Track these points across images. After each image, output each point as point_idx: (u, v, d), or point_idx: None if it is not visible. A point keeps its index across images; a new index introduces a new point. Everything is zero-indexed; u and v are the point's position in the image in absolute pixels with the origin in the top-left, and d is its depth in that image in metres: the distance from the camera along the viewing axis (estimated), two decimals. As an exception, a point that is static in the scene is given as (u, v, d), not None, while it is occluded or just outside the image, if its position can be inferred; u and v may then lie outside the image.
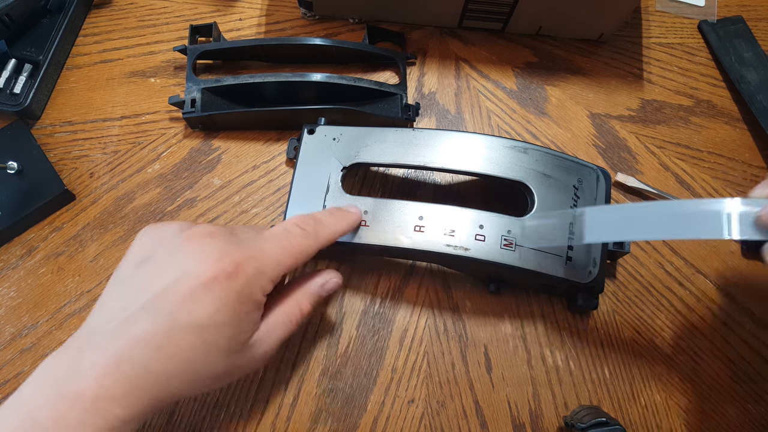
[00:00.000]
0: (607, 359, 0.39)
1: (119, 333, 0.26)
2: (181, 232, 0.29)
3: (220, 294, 0.26)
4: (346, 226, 0.34)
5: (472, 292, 0.41)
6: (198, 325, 0.26)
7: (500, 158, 0.38)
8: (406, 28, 0.50)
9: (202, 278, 0.26)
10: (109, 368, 0.25)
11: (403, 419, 0.37)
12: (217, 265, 0.27)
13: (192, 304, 0.26)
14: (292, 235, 0.31)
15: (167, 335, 0.26)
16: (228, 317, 0.27)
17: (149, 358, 0.25)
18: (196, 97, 0.43)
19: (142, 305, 0.26)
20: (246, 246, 0.29)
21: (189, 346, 0.26)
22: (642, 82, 0.49)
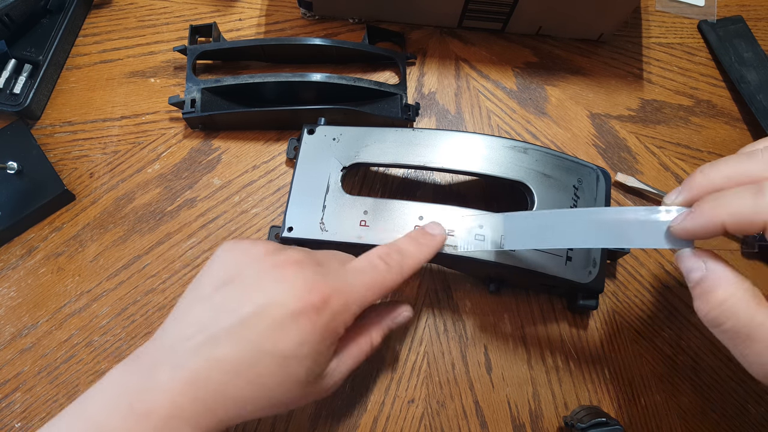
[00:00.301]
0: (607, 359, 0.39)
1: (199, 353, 0.25)
2: (268, 255, 0.29)
3: (306, 327, 0.26)
4: (430, 254, 0.33)
5: (472, 292, 0.41)
6: (281, 355, 0.26)
7: (500, 158, 0.38)
8: (406, 28, 0.50)
9: (289, 309, 0.26)
10: (184, 387, 0.24)
11: (403, 419, 0.37)
12: (305, 297, 0.26)
13: (277, 334, 0.26)
14: (377, 269, 0.30)
15: (249, 362, 0.25)
16: (311, 350, 0.26)
17: (227, 383, 0.25)
18: (196, 97, 0.43)
19: (225, 328, 0.26)
20: (333, 279, 0.28)
21: (269, 374, 0.26)
22: (642, 82, 0.49)
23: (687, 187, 0.26)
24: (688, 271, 0.26)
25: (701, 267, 0.25)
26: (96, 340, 0.38)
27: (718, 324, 0.24)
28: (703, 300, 0.25)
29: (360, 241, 0.36)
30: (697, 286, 0.25)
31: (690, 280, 0.26)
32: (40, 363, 0.38)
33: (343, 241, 0.36)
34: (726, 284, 0.24)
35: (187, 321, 0.27)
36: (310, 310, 0.26)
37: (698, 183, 0.26)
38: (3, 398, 0.37)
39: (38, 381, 0.37)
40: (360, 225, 0.36)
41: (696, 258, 0.25)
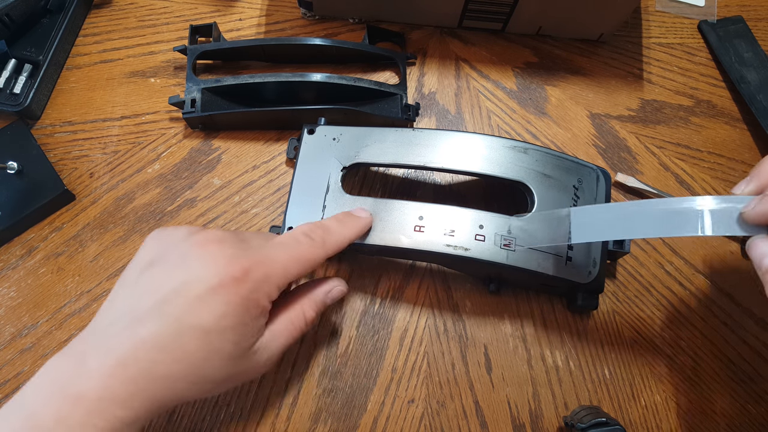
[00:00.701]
0: (607, 359, 0.39)
1: (125, 335, 0.26)
2: (189, 236, 0.29)
3: (227, 299, 0.26)
4: (355, 233, 0.34)
5: (472, 292, 0.41)
6: (204, 329, 0.26)
7: (500, 158, 0.38)
8: (406, 28, 0.50)
9: (210, 282, 0.26)
10: (113, 369, 0.25)
11: (403, 419, 0.37)
12: (225, 270, 0.27)
13: (199, 308, 0.26)
14: (300, 243, 0.31)
15: (173, 338, 0.26)
16: (234, 322, 0.27)
17: (154, 361, 0.25)
18: (196, 97, 0.43)
19: (149, 308, 0.26)
20: (254, 252, 0.29)
21: (194, 349, 0.26)
22: (642, 82, 0.49)
23: (756, 176, 0.27)
24: (761, 257, 0.26)
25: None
26: (96, 340, 0.38)
27: None
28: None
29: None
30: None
31: (761, 267, 0.26)
32: (40, 363, 0.37)
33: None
34: None
35: (115, 307, 0.28)
36: (230, 282, 0.27)
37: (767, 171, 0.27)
38: (3, 398, 0.37)
39: (38, 381, 0.37)
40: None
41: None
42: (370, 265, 0.41)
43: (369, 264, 0.41)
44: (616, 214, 0.31)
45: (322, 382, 0.38)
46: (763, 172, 0.27)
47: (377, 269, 0.41)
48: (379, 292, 0.41)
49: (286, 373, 0.38)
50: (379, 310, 0.40)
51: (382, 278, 0.41)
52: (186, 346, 0.26)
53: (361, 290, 0.41)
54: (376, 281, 0.41)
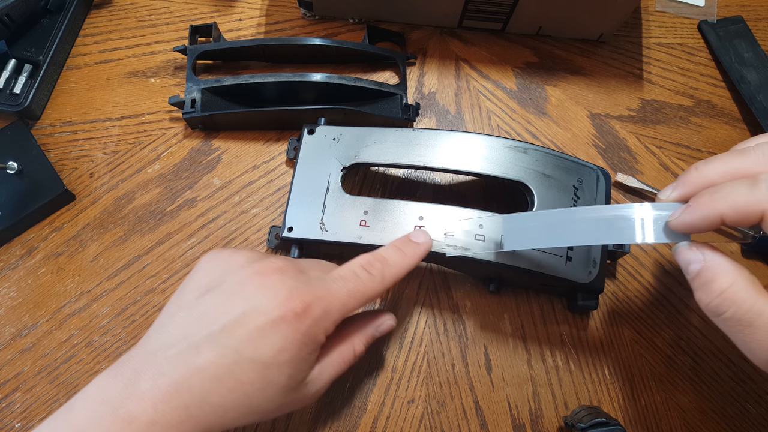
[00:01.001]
0: (607, 359, 0.39)
1: (181, 360, 0.25)
2: (250, 263, 0.29)
3: (287, 333, 0.26)
4: (415, 262, 0.33)
5: (472, 292, 0.41)
6: (262, 362, 0.26)
7: (500, 158, 0.38)
8: (406, 28, 0.50)
9: (270, 315, 0.26)
10: (167, 395, 0.25)
11: (403, 419, 0.37)
12: (286, 304, 0.27)
13: (258, 341, 0.26)
14: (358, 278, 0.30)
15: (230, 369, 0.25)
16: (292, 357, 0.27)
17: (209, 389, 0.25)
18: (196, 97, 0.43)
19: (206, 335, 0.26)
20: (314, 286, 0.28)
21: (249, 381, 0.26)
22: (642, 82, 0.49)
23: (682, 183, 0.27)
24: (686, 264, 0.26)
25: (699, 259, 0.26)
26: (96, 341, 0.38)
27: (720, 313, 0.25)
28: (703, 290, 0.25)
29: (360, 241, 0.36)
30: (697, 277, 0.26)
31: (689, 273, 0.26)
32: (40, 363, 0.38)
33: (343, 241, 0.36)
34: (725, 274, 0.25)
35: (170, 329, 0.27)
36: (291, 316, 0.26)
37: (693, 178, 0.27)
38: (3, 398, 0.37)
39: (38, 381, 0.37)
40: (360, 225, 0.36)
41: (694, 250, 0.26)
42: (370, 265, 0.41)
43: (369, 264, 0.41)
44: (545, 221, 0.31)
45: (322, 382, 0.38)
46: (688, 180, 0.27)
47: (377, 269, 0.41)
48: (379, 292, 0.40)
49: (286, 373, 0.38)
50: (379, 310, 0.40)
51: (382, 278, 0.41)
52: (242, 378, 0.26)
53: (361, 290, 0.41)
54: (376, 281, 0.41)
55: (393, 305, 0.40)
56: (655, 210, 0.27)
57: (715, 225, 0.25)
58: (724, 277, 0.25)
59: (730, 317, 0.24)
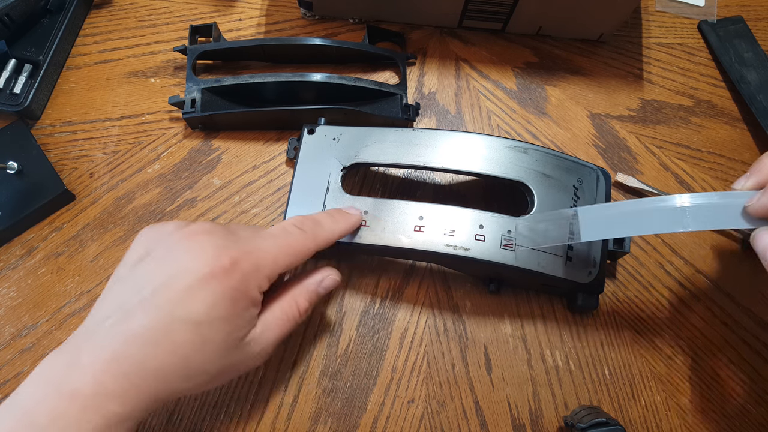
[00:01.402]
0: (607, 359, 0.39)
1: (117, 329, 0.26)
2: (178, 229, 0.29)
3: (216, 289, 0.26)
4: (344, 228, 0.34)
5: (472, 292, 0.41)
6: (194, 320, 0.26)
7: (500, 158, 0.38)
8: (406, 28, 0.50)
9: (198, 274, 0.26)
10: (106, 365, 0.25)
11: (403, 419, 0.37)
12: (213, 261, 0.27)
13: (188, 300, 0.26)
14: (290, 234, 0.31)
15: (164, 331, 0.26)
16: (224, 313, 0.27)
17: (146, 354, 0.25)
18: (196, 97, 0.43)
19: (139, 301, 0.26)
20: (243, 243, 0.29)
21: (185, 341, 0.26)
22: (642, 82, 0.49)
23: (756, 171, 0.28)
24: (766, 249, 0.27)
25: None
26: (96, 340, 0.38)
27: None
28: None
29: (360, 241, 0.36)
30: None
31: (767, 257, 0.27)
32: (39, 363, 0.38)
33: (343, 241, 0.36)
34: None
35: (107, 302, 0.28)
36: (219, 272, 0.27)
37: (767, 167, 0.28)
38: (3, 398, 0.37)
39: (38, 381, 0.37)
40: (361, 225, 0.36)
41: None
42: (370, 265, 0.41)
43: (369, 264, 0.41)
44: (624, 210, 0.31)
45: (322, 382, 0.38)
46: (763, 168, 0.28)
47: (377, 269, 0.41)
48: (379, 292, 0.41)
49: (286, 373, 0.38)
50: (379, 310, 0.40)
51: (382, 278, 0.41)
52: (177, 338, 0.26)
53: (361, 290, 0.41)
54: (376, 281, 0.41)
55: (393, 305, 0.40)
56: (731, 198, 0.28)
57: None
58: None
59: None
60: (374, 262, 0.41)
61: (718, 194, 0.28)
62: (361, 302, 0.40)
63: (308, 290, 0.33)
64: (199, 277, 0.26)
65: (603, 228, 0.32)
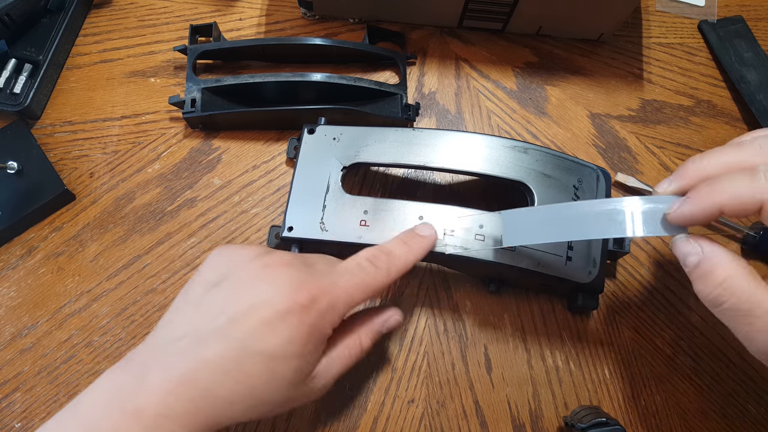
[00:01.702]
0: (607, 359, 0.39)
1: (188, 353, 0.26)
2: (258, 257, 0.29)
3: (293, 325, 0.26)
4: (420, 255, 0.33)
5: (472, 292, 0.41)
6: (268, 354, 0.26)
7: (500, 158, 0.38)
8: (406, 28, 0.50)
9: (277, 308, 0.26)
10: (174, 387, 0.25)
11: (403, 419, 0.37)
12: (293, 296, 0.27)
13: (265, 333, 0.26)
14: (364, 270, 0.30)
15: (236, 361, 0.25)
16: (298, 349, 0.27)
17: (215, 382, 0.25)
18: (196, 97, 0.43)
19: (214, 328, 0.26)
20: (320, 279, 0.28)
21: (256, 373, 0.26)
22: (642, 82, 0.49)
23: (679, 176, 0.27)
24: (685, 256, 0.26)
25: (698, 251, 0.26)
26: (96, 341, 0.38)
27: (720, 303, 0.25)
28: (703, 282, 0.25)
29: (360, 240, 0.36)
30: (696, 269, 0.26)
31: (687, 265, 0.26)
32: (40, 363, 0.38)
33: (343, 241, 0.36)
34: (724, 264, 0.25)
35: (177, 323, 0.27)
36: (298, 308, 0.26)
37: (691, 171, 0.27)
38: (3, 398, 0.37)
39: (38, 381, 0.37)
40: (360, 225, 0.36)
41: (692, 242, 0.26)
42: (370, 265, 0.41)
43: (369, 264, 0.41)
44: (544, 216, 0.31)
45: (322, 382, 0.38)
46: (687, 172, 0.27)
47: (377, 269, 0.41)
48: (379, 292, 0.41)
49: (286, 373, 0.38)
50: (379, 310, 0.40)
51: (382, 278, 0.41)
52: (249, 369, 0.26)
53: (361, 290, 0.41)
54: (376, 281, 0.41)
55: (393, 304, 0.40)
56: (651, 203, 0.27)
57: (714, 216, 0.25)
58: (722, 267, 0.25)
59: (729, 307, 0.24)
60: (374, 262, 0.41)
61: (642, 199, 0.27)
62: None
63: (373, 329, 0.33)
64: (277, 311, 0.26)
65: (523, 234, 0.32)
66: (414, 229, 0.34)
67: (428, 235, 0.34)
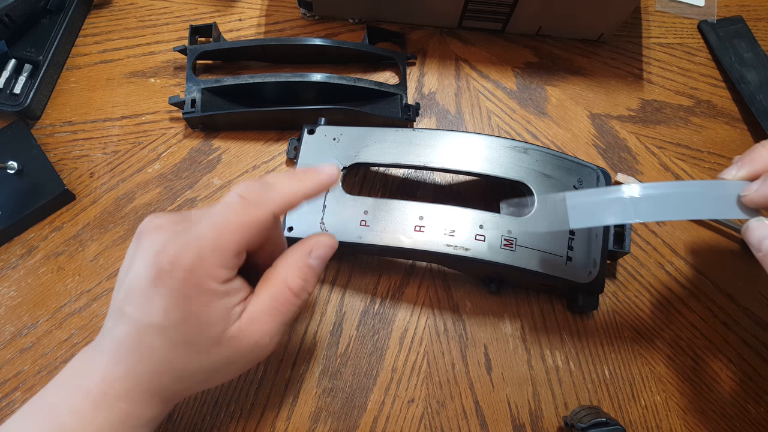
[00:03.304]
0: (607, 359, 0.39)
1: (110, 334, 0.27)
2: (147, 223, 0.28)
3: (164, 291, 0.25)
4: (310, 187, 0.28)
5: (472, 292, 0.41)
6: (157, 326, 0.25)
7: (500, 158, 0.38)
8: (406, 28, 0.50)
9: (147, 279, 0.25)
10: (109, 367, 0.26)
11: (403, 419, 0.37)
12: (156, 263, 0.25)
13: (146, 306, 0.25)
14: (230, 208, 0.26)
15: (138, 338, 0.26)
16: (182, 314, 0.25)
17: (134, 359, 0.26)
18: (196, 97, 0.43)
19: (116, 309, 0.27)
20: (184, 235, 0.26)
21: (157, 346, 0.26)
22: (642, 83, 0.49)
23: (749, 161, 0.28)
24: (760, 240, 0.27)
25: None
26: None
27: None
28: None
29: (360, 240, 0.36)
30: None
31: (762, 249, 0.27)
32: (40, 362, 0.38)
33: (343, 241, 0.36)
34: None
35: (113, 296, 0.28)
36: (162, 274, 0.25)
37: (761, 157, 0.28)
38: (3, 398, 0.37)
39: (38, 380, 0.37)
40: (360, 225, 0.36)
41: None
42: (370, 265, 0.41)
43: (369, 264, 0.41)
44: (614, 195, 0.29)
45: (322, 381, 0.38)
46: (755, 158, 0.28)
47: (377, 269, 0.41)
48: (379, 292, 0.41)
49: (286, 373, 0.38)
50: (379, 310, 0.40)
51: (382, 278, 0.41)
52: (149, 343, 0.26)
53: (361, 290, 0.41)
54: (376, 281, 0.41)
55: (393, 305, 0.40)
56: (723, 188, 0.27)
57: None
58: None
59: None
60: (374, 262, 0.41)
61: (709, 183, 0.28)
62: (361, 302, 0.40)
63: (297, 266, 0.28)
64: (149, 281, 0.25)
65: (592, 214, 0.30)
66: (316, 165, 0.30)
67: (327, 171, 0.29)
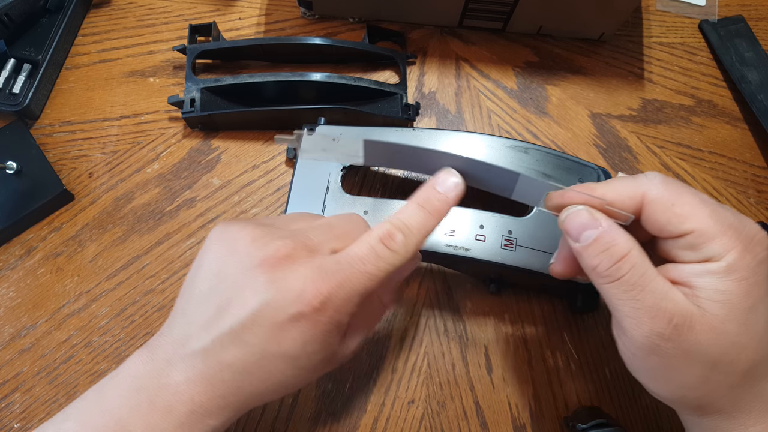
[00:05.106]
0: (607, 360, 0.39)
1: (209, 355, 0.25)
2: (256, 248, 0.27)
3: (308, 327, 0.26)
4: (440, 219, 0.29)
5: (472, 292, 0.41)
6: (289, 355, 0.26)
7: (500, 158, 0.38)
8: (406, 28, 0.50)
9: (288, 311, 0.25)
10: (202, 387, 0.25)
11: (403, 420, 0.37)
12: (303, 299, 0.25)
13: (281, 338, 0.25)
14: (379, 258, 0.27)
15: (258, 364, 0.25)
16: (319, 346, 0.26)
17: (241, 381, 0.25)
18: (195, 97, 0.43)
19: (227, 332, 0.25)
20: (331, 272, 0.26)
21: (280, 371, 0.26)
22: (643, 82, 0.49)
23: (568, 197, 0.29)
24: (581, 229, 0.26)
25: (597, 224, 0.26)
26: (95, 341, 0.38)
27: (619, 275, 0.25)
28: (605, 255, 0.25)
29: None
30: (596, 243, 0.26)
31: (582, 239, 0.26)
32: (40, 363, 0.38)
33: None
34: (625, 239, 0.25)
35: (190, 317, 0.27)
36: (310, 311, 0.25)
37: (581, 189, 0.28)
38: (2, 399, 0.37)
39: (37, 381, 0.37)
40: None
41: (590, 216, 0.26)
42: (370, 266, 0.41)
43: (369, 264, 0.41)
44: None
45: (322, 382, 0.38)
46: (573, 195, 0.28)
47: (377, 269, 0.41)
48: (379, 293, 0.40)
49: (286, 374, 0.38)
50: (379, 311, 0.40)
51: (382, 278, 0.41)
52: (272, 369, 0.26)
53: (361, 290, 0.40)
54: (376, 281, 0.41)
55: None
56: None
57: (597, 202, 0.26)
58: (623, 242, 0.25)
59: (627, 280, 0.25)
60: (374, 262, 0.41)
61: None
62: (361, 302, 0.40)
63: (391, 286, 0.31)
64: (288, 315, 0.25)
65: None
66: (434, 184, 0.29)
67: (450, 192, 0.29)
